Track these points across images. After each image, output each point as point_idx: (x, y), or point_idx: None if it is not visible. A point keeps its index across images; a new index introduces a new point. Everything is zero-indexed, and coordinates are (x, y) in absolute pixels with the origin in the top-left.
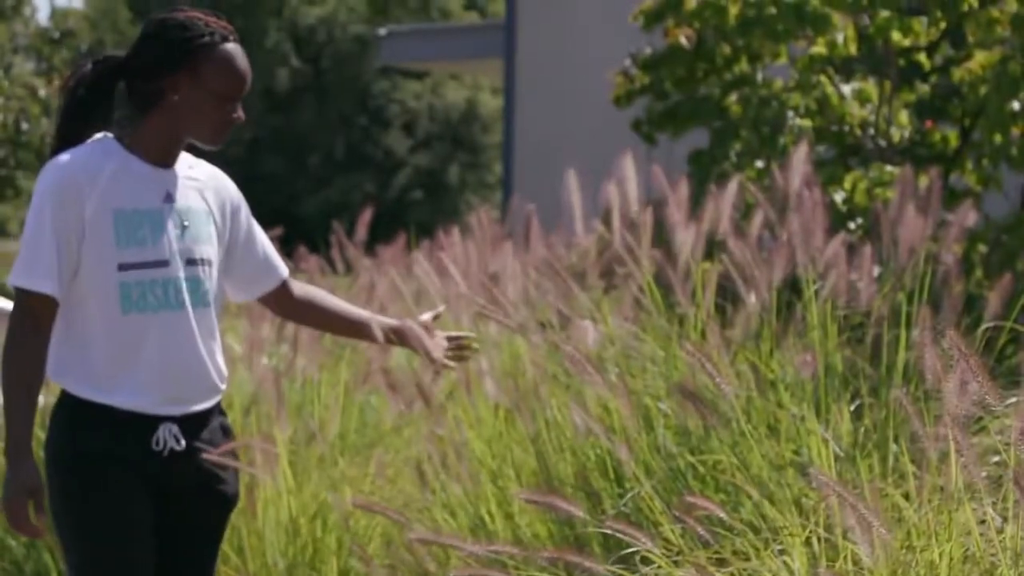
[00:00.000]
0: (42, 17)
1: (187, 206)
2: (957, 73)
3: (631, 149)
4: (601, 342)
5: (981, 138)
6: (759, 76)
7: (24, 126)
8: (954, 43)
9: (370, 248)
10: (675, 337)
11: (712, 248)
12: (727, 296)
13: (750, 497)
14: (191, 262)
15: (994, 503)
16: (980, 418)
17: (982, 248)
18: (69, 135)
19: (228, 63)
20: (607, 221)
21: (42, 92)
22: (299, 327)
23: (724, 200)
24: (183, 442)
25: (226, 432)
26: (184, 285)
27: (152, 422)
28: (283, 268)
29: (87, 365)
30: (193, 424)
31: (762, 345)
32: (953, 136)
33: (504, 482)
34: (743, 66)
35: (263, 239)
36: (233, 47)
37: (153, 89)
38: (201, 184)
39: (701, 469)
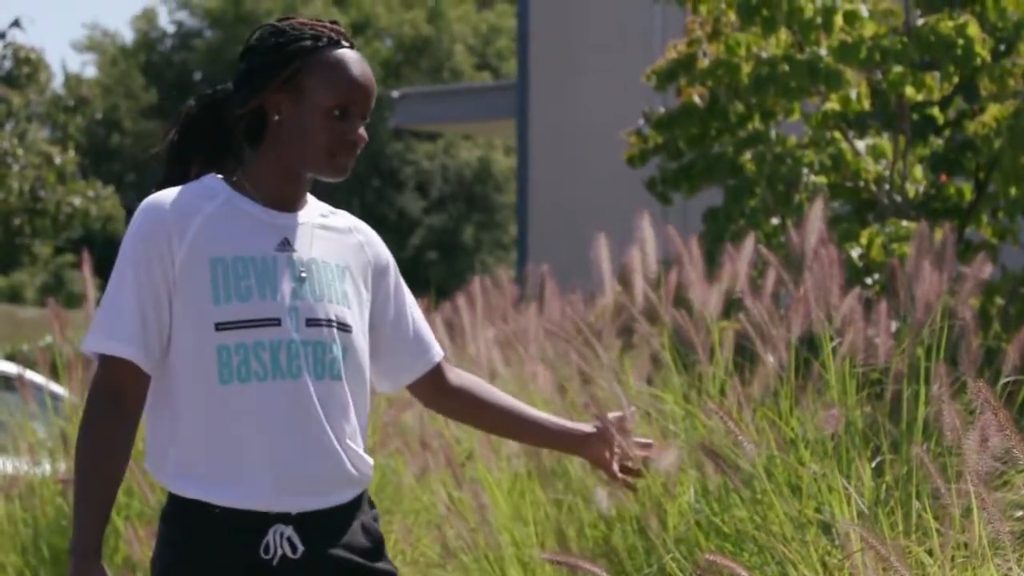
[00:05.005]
0: (57, 84)
1: (311, 257)
2: (971, 127)
3: (646, 208)
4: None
5: (996, 191)
6: (773, 133)
7: (40, 193)
8: (967, 97)
9: None
10: (694, 396)
11: (729, 306)
12: (745, 354)
13: (773, 556)
14: (313, 322)
15: (1019, 558)
16: (1003, 472)
17: (999, 301)
18: (172, 182)
19: (335, 69)
20: (625, 281)
21: (57, 159)
22: None
23: (740, 258)
24: (300, 549)
25: (370, 533)
26: (303, 350)
27: (261, 522)
28: (438, 349)
29: (182, 452)
30: (316, 524)
31: (781, 403)
32: (968, 189)
33: (527, 544)
34: (757, 124)
35: (414, 311)
36: (344, 51)
37: (253, 112)
38: (337, 235)
39: (725, 528)
